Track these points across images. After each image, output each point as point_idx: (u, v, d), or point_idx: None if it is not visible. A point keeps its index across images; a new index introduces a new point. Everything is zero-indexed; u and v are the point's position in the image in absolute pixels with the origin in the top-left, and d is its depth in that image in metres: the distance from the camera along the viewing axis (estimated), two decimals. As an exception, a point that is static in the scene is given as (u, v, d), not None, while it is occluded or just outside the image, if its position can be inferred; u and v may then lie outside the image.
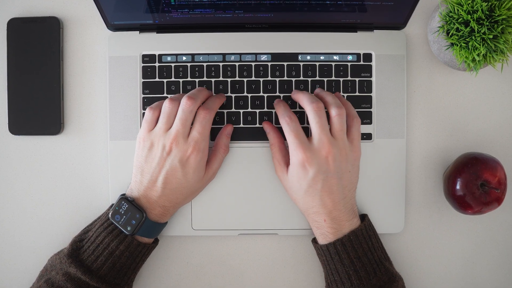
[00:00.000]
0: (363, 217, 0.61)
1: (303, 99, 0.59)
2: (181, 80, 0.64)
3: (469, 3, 0.56)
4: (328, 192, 0.57)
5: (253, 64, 0.64)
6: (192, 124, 0.59)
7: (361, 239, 0.58)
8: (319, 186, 0.57)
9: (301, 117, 0.64)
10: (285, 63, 0.64)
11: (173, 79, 0.64)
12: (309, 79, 0.64)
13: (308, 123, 0.64)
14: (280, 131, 0.63)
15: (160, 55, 0.64)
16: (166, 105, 0.59)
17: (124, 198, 0.58)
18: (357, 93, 0.64)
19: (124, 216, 0.57)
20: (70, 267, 0.56)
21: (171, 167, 0.58)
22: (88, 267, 0.56)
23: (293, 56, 0.64)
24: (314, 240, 0.62)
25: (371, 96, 0.64)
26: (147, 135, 0.59)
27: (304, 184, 0.57)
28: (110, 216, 0.58)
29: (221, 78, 0.64)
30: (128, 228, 0.57)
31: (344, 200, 0.58)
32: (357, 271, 0.57)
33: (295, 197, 0.60)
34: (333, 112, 0.58)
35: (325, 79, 0.64)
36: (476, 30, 0.56)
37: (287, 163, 0.60)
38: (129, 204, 0.58)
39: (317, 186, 0.57)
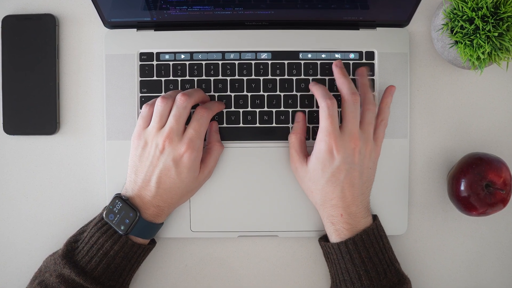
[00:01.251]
0: (374, 218, 0.61)
1: (343, 87, 0.60)
2: (179, 78, 0.64)
3: (474, 0, 0.56)
4: (350, 185, 0.57)
5: (253, 62, 0.64)
6: (187, 123, 0.59)
7: (373, 239, 0.58)
8: (342, 176, 0.57)
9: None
10: (286, 62, 0.64)
11: (171, 77, 0.64)
12: (310, 78, 0.64)
13: (307, 121, 0.64)
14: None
15: (158, 53, 0.64)
16: (158, 103, 0.59)
17: (118, 197, 0.58)
18: (359, 92, 0.64)
19: (118, 215, 0.57)
20: (64, 269, 0.56)
21: (165, 166, 0.58)
22: (82, 268, 0.56)
23: (294, 54, 0.64)
24: (322, 239, 0.62)
25: (373, 95, 0.64)
26: (142, 133, 0.59)
27: (327, 172, 0.57)
28: (104, 215, 0.58)
29: (220, 77, 0.64)
30: (122, 228, 0.57)
31: (362, 196, 0.59)
32: (368, 271, 0.57)
33: (314, 188, 0.59)
34: (367, 106, 0.60)
35: (327, 78, 0.64)
36: (481, 27, 0.56)
37: (305, 155, 0.60)
38: (123, 203, 0.57)
39: (340, 176, 0.57)
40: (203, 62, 0.64)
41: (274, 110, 0.64)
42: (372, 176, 0.60)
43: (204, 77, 0.64)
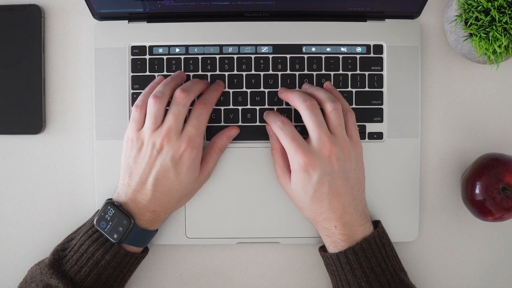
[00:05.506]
0: (376, 224, 0.61)
1: (294, 99, 0.60)
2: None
3: (490, -10, 0.56)
4: (336, 195, 0.57)
5: (252, 56, 0.64)
6: (185, 121, 0.59)
7: (374, 247, 0.58)
8: (326, 189, 0.57)
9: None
10: (288, 56, 0.64)
11: (165, 73, 0.64)
12: (314, 73, 0.64)
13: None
14: None
15: (151, 47, 0.64)
16: (151, 104, 0.58)
17: (110, 203, 0.58)
18: (366, 88, 0.64)
19: (111, 223, 0.57)
20: (51, 279, 0.56)
21: (162, 167, 0.58)
22: (71, 278, 0.56)
23: (296, 48, 0.64)
24: (322, 249, 0.62)
25: (382, 92, 0.64)
26: (136, 134, 0.59)
27: (309, 190, 0.57)
28: (95, 222, 0.58)
29: (217, 72, 0.64)
30: (115, 236, 0.57)
31: (354, 202, 0.58)
32: (370, 282, 0.57)
33: (302, 205, 0.59)
34: (329, 107, 0.59)
35: (332, 73, 0.64)
36: (497, 19, 0.56)
37: (289, 170, 0.60)
38: (115, 210, 0.57)
39: (323, 190, 0.57)
40: (199, 56, 0.64)
41: (275, 107, 0.64)
42: (361, 176, 0.60)
43: (200, 72, 0.64)
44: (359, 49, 0.64)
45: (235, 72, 0.64)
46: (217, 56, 0.64)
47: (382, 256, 0.58)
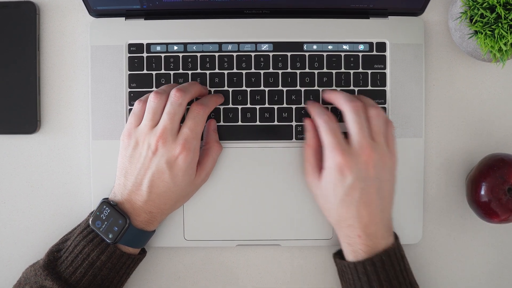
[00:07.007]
0: (394, 236, 0.60)
1: (339, 98, 0.59)
2: (172, 72, 0.64)
3: (495, -14, 0.56)
4: (366, 203, 0.57)
5: (252, 54, 0.64)
6: (182, 122, 0.59)
7: (394, 260, 0.57)
8: (357, 195, 0.56)
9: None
10: (289, 54, 0.64)
11: (163, 71, 0.64)
12: (316, 71, 0.64)
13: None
14: None
15: (148, 45, 0.64)
16: (151, 99, 0.58)
17: (106, 202, 0.58)
18: (369, 87, 0.64)
19: (106, 222, 0.57)
20: (45, 280, 0.56)
21: (157, 169, 0.57)
22: (66, 280, 0.56)
23: (297, 46, 0.64)
24: (337, 255, 0.61)
25: (385, 90, 0.64)
26: (132, 132, 0.59)
27: (340, 192, 0.57)
28: (90, 222, 0.58)
29: (216, 70, 0.64)
30: (110, 236, 0.57)
31: (382, 214, 0.58)
32: None
33: (328, 207, 0.59)
34: (372, 112, 0.58)
35: (334, 71, 0.64)
36: (503, 16, 0.56)
37: (320, 168, 0.59)
38: (111, 209, 0.57)
39: (354, 195, 0.56)
40: (198, 54, 0.64)
41: (276, 106, 0.64)
42: (392, 189, 0.59)
43: (199, 71, 0.64)
44: (361, 47, 0.64)
45: (235, 70, 0.64)
46: (216, 54, 0.64)
47: (401, 269, 0.57)
